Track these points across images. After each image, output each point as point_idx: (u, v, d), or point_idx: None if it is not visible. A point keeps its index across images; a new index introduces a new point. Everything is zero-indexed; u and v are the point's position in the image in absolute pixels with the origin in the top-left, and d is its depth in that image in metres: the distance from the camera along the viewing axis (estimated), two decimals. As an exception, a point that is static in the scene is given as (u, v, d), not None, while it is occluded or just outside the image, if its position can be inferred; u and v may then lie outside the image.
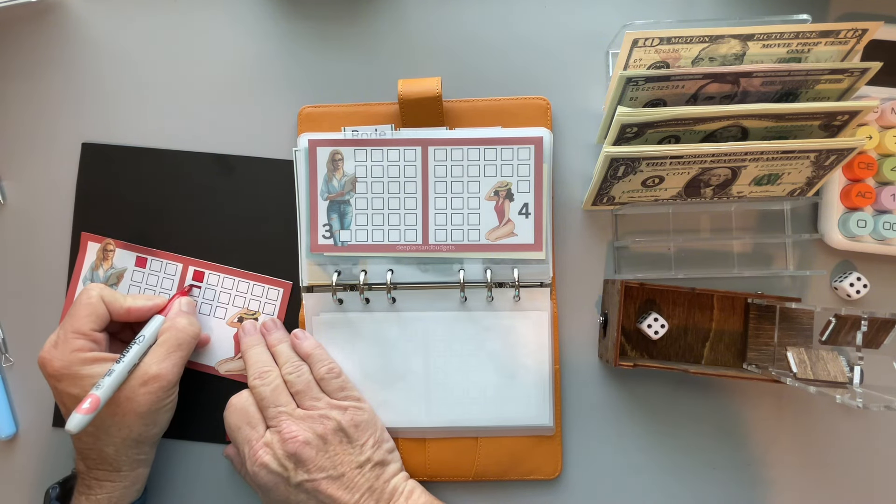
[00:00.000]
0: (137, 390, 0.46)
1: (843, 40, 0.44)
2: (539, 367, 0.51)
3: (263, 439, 0.47)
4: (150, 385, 0.46)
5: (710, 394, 0.53)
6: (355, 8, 0.55)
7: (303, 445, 0.45)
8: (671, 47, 0.44)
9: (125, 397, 0.46)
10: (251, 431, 0.47)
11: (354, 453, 0.47)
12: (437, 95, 0.51)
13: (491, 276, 0.51)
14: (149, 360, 0.47)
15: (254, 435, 0.47)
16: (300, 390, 0.48)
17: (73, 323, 0.47)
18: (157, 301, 0.50)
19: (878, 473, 0.52)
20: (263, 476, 0.46)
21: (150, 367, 0.47)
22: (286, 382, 0.49)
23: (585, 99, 0.54)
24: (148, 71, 0.55)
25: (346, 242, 0.52)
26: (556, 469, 0.52)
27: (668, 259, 0.53)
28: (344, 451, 0.47)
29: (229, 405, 0.49)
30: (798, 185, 0.49)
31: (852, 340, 0.43)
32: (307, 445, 0.46)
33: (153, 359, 0.47)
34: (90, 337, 0.47)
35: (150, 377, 0.46)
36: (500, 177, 0.51)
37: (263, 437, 0.47)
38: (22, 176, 0.55)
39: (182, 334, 0.49)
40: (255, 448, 0.46)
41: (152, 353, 0.47)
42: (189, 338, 0.49)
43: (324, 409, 0.48)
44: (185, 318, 0.50)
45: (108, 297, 0.48)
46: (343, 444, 0.47)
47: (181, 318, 0.49)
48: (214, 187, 0.54)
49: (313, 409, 0.48)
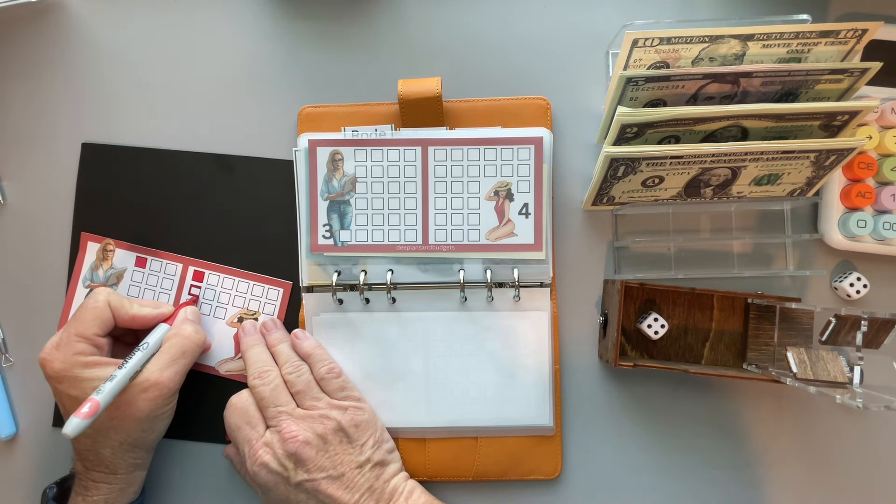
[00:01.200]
0: (138, 396, 0.46)
1: (843, 40, 0.44)
2: (539, 367, 0.51)
3: (263, 439, 0.47)
4: (150, 392, 0.46)
5: (710, 394, 0.53)
6: (355, 8, 0.55)
7: (303, 445, 0.45)
8: (671, 47, 0.44)
9: (125, 402, 0.46)
10: (251, 431, 0.47)
11: (354, 453, 0.47)
12: (437, 95, 0.51)
13: (491, 276, 0.51)
14: (151, 367, 0.47)
15: (254, 435, 0.47)
16: (300, 390, 0.48)
17: (77, 326, 0.47)
18: (163, 309, 0.50)
19: (878, 473, 0.52)
20: (263, 476, 0.46)
21: (152, 373, 0.46)
22: (286, 382, 0.49)
23: (585, 99, 0.54)
24: (148, 71, 0.55)
25: (346, 242, 0.52)
26: (556, 469, 0.52)
27: (668, 259, 0.53)
28: (344, 451, 0.47)
29: (229, 405, 0.49)
30: (798, 186, 0.49)
31: (852, 340, 0.43)
32: (307, 445, 0.46)
33: (156, 366, 0.47)
34: (93, 341, 0.47)
35: (152, 384, 0.46)
36: (500, 177, 0.51)
37: (263, 437, 0.47)
38: (22, 176, 0.55)
39: (187, 342, 0.49)
40: (255, 448, 0.46)
41: (156, 360, 0.47)
42: (194, 346, 0.49)
43: (324, 409, 0.48)
44: (191, 326, 0.50)
45: (114, 302, 0.48)
46: (343, 444, 0.47)
47: (187, 326, 0.49)
48: (214, 187, 0.54)
49: (313, 408, 0.48)
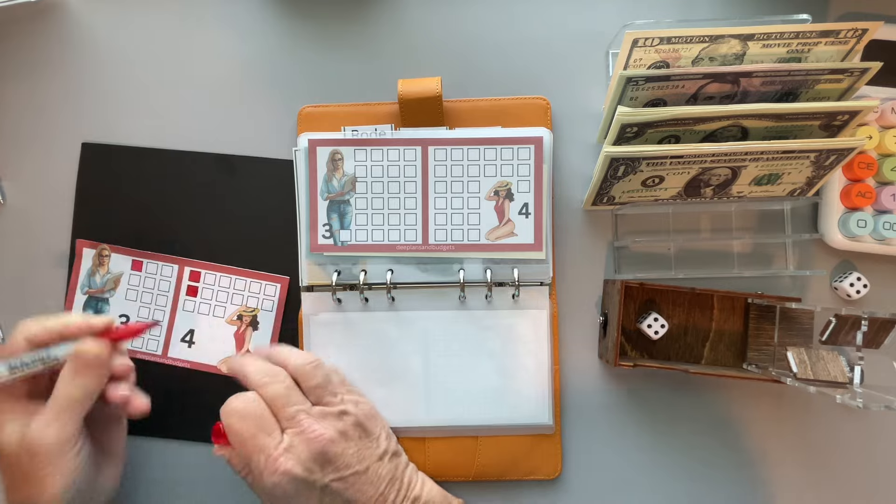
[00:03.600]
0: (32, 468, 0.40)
1: (843, 40, 0.44)
2: (538, 365, 0.51)
3: (283, 444, 0.42)
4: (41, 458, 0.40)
5: (710, 394, 0.53)
6: (355, 8, 0.55)
7: (329, 443, 0.43)
8: (671, 47, 0.44)
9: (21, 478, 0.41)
10: (267, 439, 0.42)
11: (373, 446, 0.46)
12: (437, 95, 0.51)
13: (491, 276, 0.51)
14: (35, 424, 0.41)
15: (271, 442, 0.42)
16: (319, 384, 0.45)
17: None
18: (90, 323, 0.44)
19: (878, 473, 0.52)
20: (284, 485, 0.42)
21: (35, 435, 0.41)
22: (301, 376, 0.45)
23: (585, 99, 0.54)
24: (148, 71, 0.55)
25: (345, 242, 0.52)
26: (556, 469, 0.52)
27: (668, 259, 0.53)
28: (364, 446, 0.45)
29: (233, 411, 0.43)
30: (798, 185, 0.49)
31: (852, 340, 0.43)
32: (333, 443, 0.43)
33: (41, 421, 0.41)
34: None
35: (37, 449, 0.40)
36: (500, 177, 0.51)
37: (282, 443, 0.42)
38: (22, 176, 0.55)
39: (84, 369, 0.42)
40: (275, 456, 0.42)
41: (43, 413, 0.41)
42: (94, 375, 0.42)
43: (341, 404, 0.45)
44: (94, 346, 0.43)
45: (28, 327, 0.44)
46: (363, 439, 0.45)
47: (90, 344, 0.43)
48: (215, 187, 0.54)
49: (331, 404, 0.45)
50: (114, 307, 0.53)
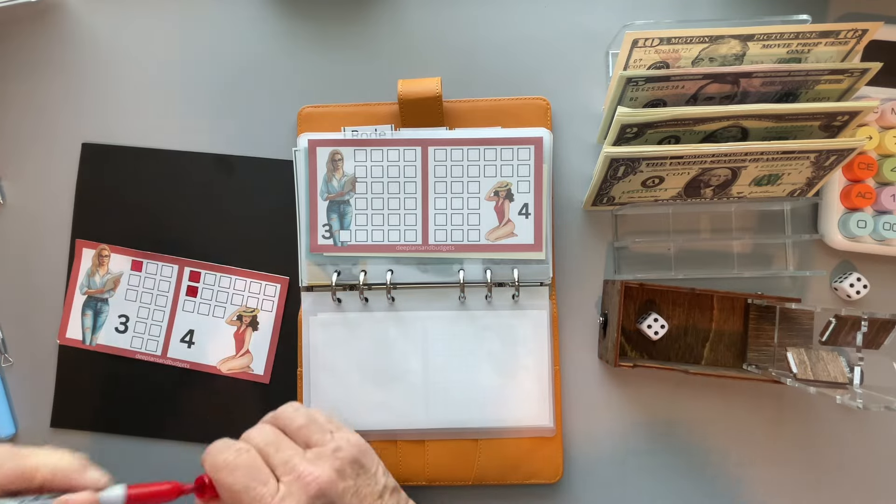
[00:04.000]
0: None
1: (843, 41, 0.44)
2: (539, 366, 0.51)
3: (280, 494, 0.40)
4: None
5: (710, 394, 0.53)
6: (355, 8, 0.55)
7: (328, 484, 0.41)
8: (671, 47, 0.44)
9: None
10: (262, 489, 0.40)
11: (371, 483, 0.43)
12: (436, 95, 0.51)
13: (491, 276, 0.51)
14: None
15: (266, 492, 0.40)
16: (303, 424, 0.44)
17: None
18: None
19: (878, 474, 0.52)
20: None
21: None
22: (283, 420, 0.44)
23: (585, 99, 0.54)
24: (148, 71, 0.55)
25: (345, 242, 0.52)
26: (556, 473, 0.51)
27: (668, 259, 0.53)
28: (363, 483, 0.43)
29: (223, 464, 0.40)
30: (798, 186, 0.49)
31: (852, 341, 0.43)
32: (332, 484, 0.41)
33: None
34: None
35: None
36: (499, 177, 0.51)
37: (279, 492, 0.40)
38: (22, 176, 0.55)
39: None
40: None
41: None
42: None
43: (332, 441, 0.43)
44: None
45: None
46: (360, 476, 0.43)
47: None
48: (215, 187, 0.54)
49: (321, 442, 0.43)
50: (113, 307, 0.53)
